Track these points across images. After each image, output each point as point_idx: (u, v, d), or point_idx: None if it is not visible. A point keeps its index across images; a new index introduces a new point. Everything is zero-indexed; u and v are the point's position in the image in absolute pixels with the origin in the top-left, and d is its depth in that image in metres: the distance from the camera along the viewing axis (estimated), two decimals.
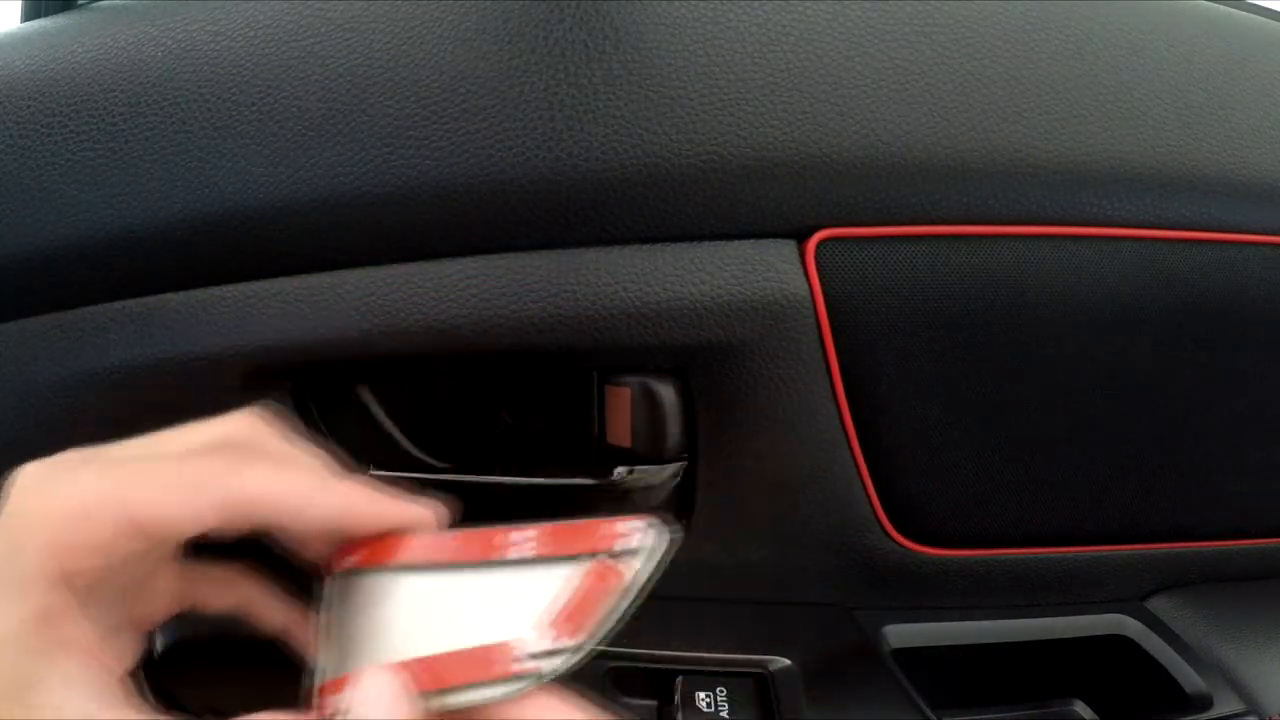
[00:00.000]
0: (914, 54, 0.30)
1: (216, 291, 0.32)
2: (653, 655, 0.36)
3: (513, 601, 0.23)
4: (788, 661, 0.36)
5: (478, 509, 0.36)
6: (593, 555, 0.23)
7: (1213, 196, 0.34)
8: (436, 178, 0.29)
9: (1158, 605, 0.43)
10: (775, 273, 0.31)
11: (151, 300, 0.32)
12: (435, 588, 0.24)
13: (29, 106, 0.31)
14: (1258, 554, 0.44)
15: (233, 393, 0.33)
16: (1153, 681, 0.41)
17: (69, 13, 0.35)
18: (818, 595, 0.40)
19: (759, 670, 0.36)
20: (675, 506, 0.36)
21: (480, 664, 0.22)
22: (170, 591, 0.26)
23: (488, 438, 0.36)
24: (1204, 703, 0.38)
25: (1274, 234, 0.35)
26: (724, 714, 0.34)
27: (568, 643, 0.22)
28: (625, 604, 0.22)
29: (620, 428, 0.34)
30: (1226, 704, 0.38)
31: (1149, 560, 0.42)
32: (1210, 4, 0.38)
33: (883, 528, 0.37)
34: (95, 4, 0.34)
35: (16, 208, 0.32)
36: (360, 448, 0.36)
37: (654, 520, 0.24)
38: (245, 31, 0.30)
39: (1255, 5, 0.40)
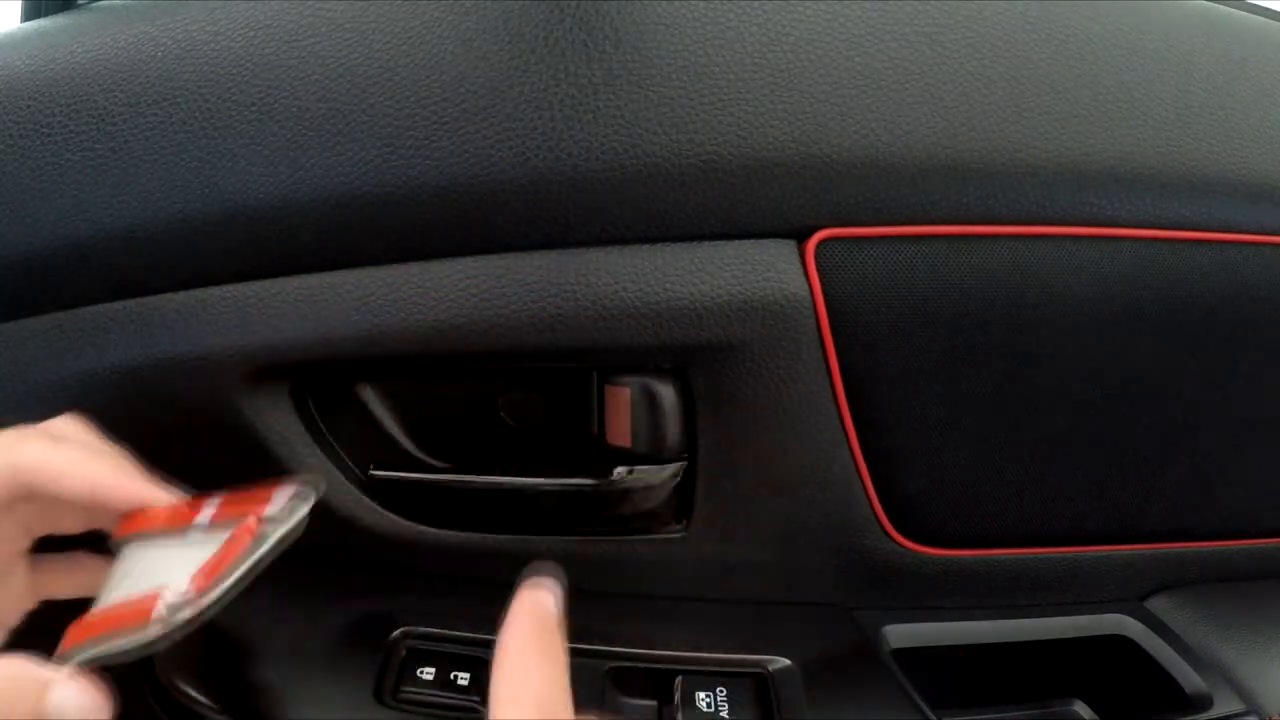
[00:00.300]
0: (914, 54, 0.30)
1: (216, 291, 0.32)
2: (653, 655, 0.36)
3: (180, 563, 0.26)
4: (788, 661, 0.36)
5: (478, 509, 0.36)
6: (245, 519, 0.26)
7: (1213, 196, 0.34)
8: (436, 178, 0.29)
9: (1158, 605, 0.43)
10: (775, 273, 0.31)
11: (151, 300, 0.32)
12: (143, 554, 0.28)
13: (29, 106, 0.31)
14: (1258, 554, 0.44)
15: (233, 392, 0.33)
16: (1153, 681, 0.41)
17: (69, 13, 0.35)
18: (818, 595, 0.40)
19: (759, 670, 0.36)
20: (675, 506, 0.36)
21: (128, 616, 0.25)
22: (23, 587, 0.30)
23: (488, 438, 0.36)
24: (1204, 703, 0.38)
25: (1274, 234, 0.35)
26: (724, 714, 0.34)
27: (194, 594, 0.25)
28: (258, 558, 0.26)
29: (620, 428, 0.34)
30: (1226, 704, 0.38)
31: (1149, 560, 0.42)
32: (1210, 4, 0.38)
33: (883, 528, 0.37)
34: (95, 4, 0.34)
35: (16, 208, 0.32)
36: (360, 447, 0.36)
37: (304, 484, 0.27)
38: (245, 31, 0.30)
39: (1255, 5, 0.40)
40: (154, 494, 0.28)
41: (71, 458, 0.28)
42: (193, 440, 0.34)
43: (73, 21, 0.33)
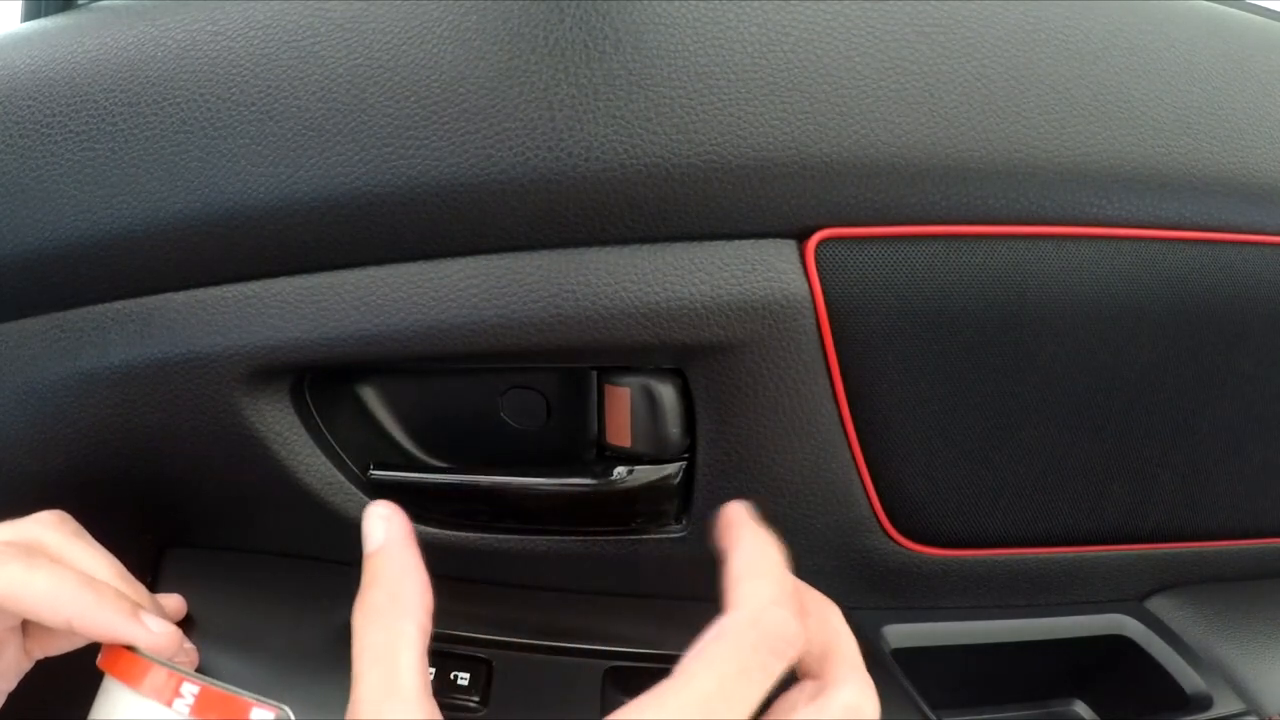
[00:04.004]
0: (914, 54, 0.30)
1: (216, 291, 0.32)
2: (653, 655, 0.36)
3: None
4: None
5: (478, 509, 0.36)
6: None
7: (1213, 196, 0.34)
8: (436, 178, 0.29)
9: (1158, 605, 0.43)
10: (775, 273, 0.31)
11: (151, 300, 0.33)
12: (127, 711, 0.29)
13: (29, 106, 0.31)
14: (1258, 554, 0.44)
15: (233, 392, 0.33)
16: (1153, 681, 0.41)
17: (69, 13, 0.35)
18: None
19: None
20: (675, 506, 0.36)
21: None
22: (19, 653, 0.31)
23: (488, 438, 0.36)
24: (1204, 703, 0.39)
25: (1274, 234, 0.35)
26: None
27: None
28: None
29: (620, 428, 0.34)
30: (1226, 704, 0.39)
31: (1149, 560, 0.42)
32: (1210, 4, 0.38)
33: (883, 528, 0.37)
34: (95, 4, 0.34)
35: (16, 208, 0.32)
36: (360, 447, 0.36)
37: (284, 712, 0.28)
38: (245, 31, 0.30)
39: (1255, 5, 0.40)
40: (132, 631, 0.29)
41: (47, 590, 0.28)
42: (193, 440, 0.34)
43: (73, 21, 0.33)
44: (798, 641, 0.24)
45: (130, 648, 0.29)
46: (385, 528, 0.26)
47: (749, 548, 0.26)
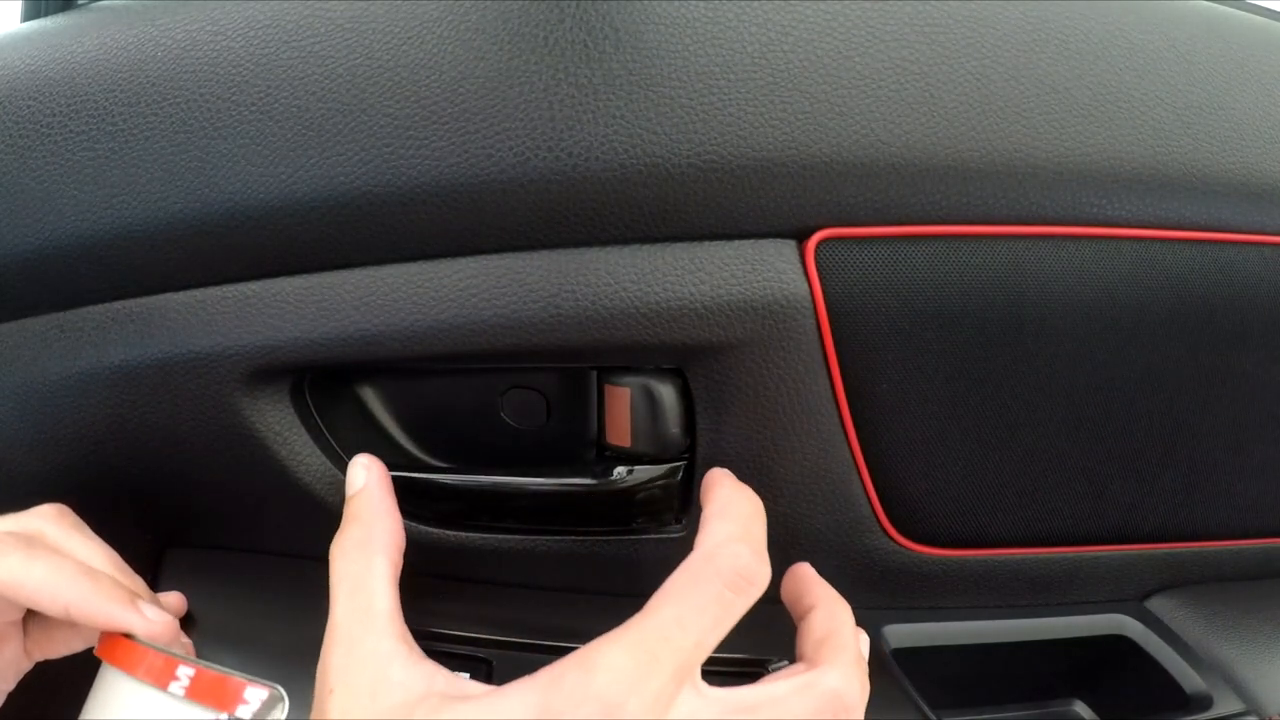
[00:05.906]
0: (914, 54, 0.30)
1: (216, 291, 0.32)
2: None
3: None
4: (787, 662, 0.36)
5: (478, 509, 0.36)
6: (218, 713, 0.28)
7: (1213, 196, 0.34)
8: (436, 178, 0.29)
9: (1158, 605, 0.43)
10: (775, 273, 0.31)
11: (151, 300, 0.33)
12: (122, 696, 0.29)
13: (29, 106, 0.31)
14: (1258, 554, 0.44)
15: (233, 392, 0.33)
16: (1153, 681, 0.41)
17: (69, 13, 0.35)
18: None
19: (759, 670, 0.36)
20: (675, 506, 0.36)
21: None
22: (18, 653, 0.32)
23: (488, 437, 0.36)
24: (1204, 703, 0.39)
25: (1274, 234, 0.35)
26: None
27: None
28: None
29: (620, 428, 0.34)
30: (1226, 704, 0.39)
31: (1149, 560, 0.42)
32: (1210, 4, 0.38)
33: (883, 528, 0.37)
34: (95, 4, 0.34)
35: (16, 208, 0.32)
36: (360, 447, 0.36)
37: (277, 691, 0.29)
38: (245, 31, 0.30)
39: (1255, 5, 0.40)
40: (129, 619, 0.29)
41: (46, 578, 0.28)
42: (193, 440, 0.34)
43: (73, 21, 0.33)
44: (755, 576, 0.25)
45: (127, 635, 0.29)
46: (365, 475, 0.30)
47: (719, 496, 0.28)
